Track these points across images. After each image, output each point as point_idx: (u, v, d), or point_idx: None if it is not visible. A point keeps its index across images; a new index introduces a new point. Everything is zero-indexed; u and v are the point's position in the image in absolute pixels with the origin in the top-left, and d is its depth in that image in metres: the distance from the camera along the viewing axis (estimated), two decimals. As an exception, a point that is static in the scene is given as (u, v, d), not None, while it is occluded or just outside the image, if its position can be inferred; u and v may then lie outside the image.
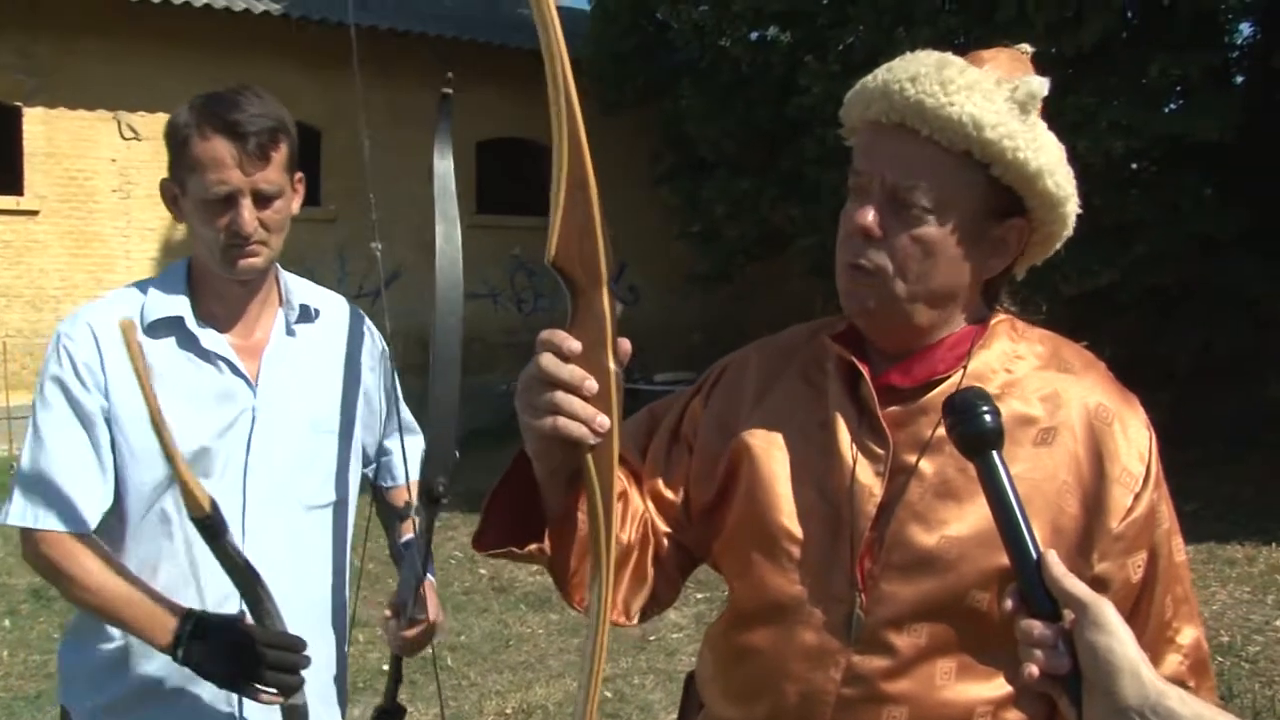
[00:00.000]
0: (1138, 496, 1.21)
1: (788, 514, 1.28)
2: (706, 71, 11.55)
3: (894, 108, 1.21)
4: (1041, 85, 1.22)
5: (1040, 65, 1.31)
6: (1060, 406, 1.24)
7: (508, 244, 13.87)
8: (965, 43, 9.08)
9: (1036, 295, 9.73)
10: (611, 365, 1.05)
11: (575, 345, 1.03)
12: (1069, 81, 8.69)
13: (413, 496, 1.96)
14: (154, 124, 11.92)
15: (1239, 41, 10.97)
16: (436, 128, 1.86)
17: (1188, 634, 1.25)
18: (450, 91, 1.88)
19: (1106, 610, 0.97)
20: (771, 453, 1.31)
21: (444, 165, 1.85)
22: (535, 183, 14.86)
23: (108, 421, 1.76)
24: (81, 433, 1.74)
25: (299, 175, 1.84)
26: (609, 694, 4.80)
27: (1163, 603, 1.23)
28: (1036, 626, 0.99)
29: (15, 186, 11.50)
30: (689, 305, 14.31)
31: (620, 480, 1.33)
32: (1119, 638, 0.96)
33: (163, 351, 1.78)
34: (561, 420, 1.03)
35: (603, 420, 1.04)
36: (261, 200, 1.74)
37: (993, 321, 1.30)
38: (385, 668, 2.17)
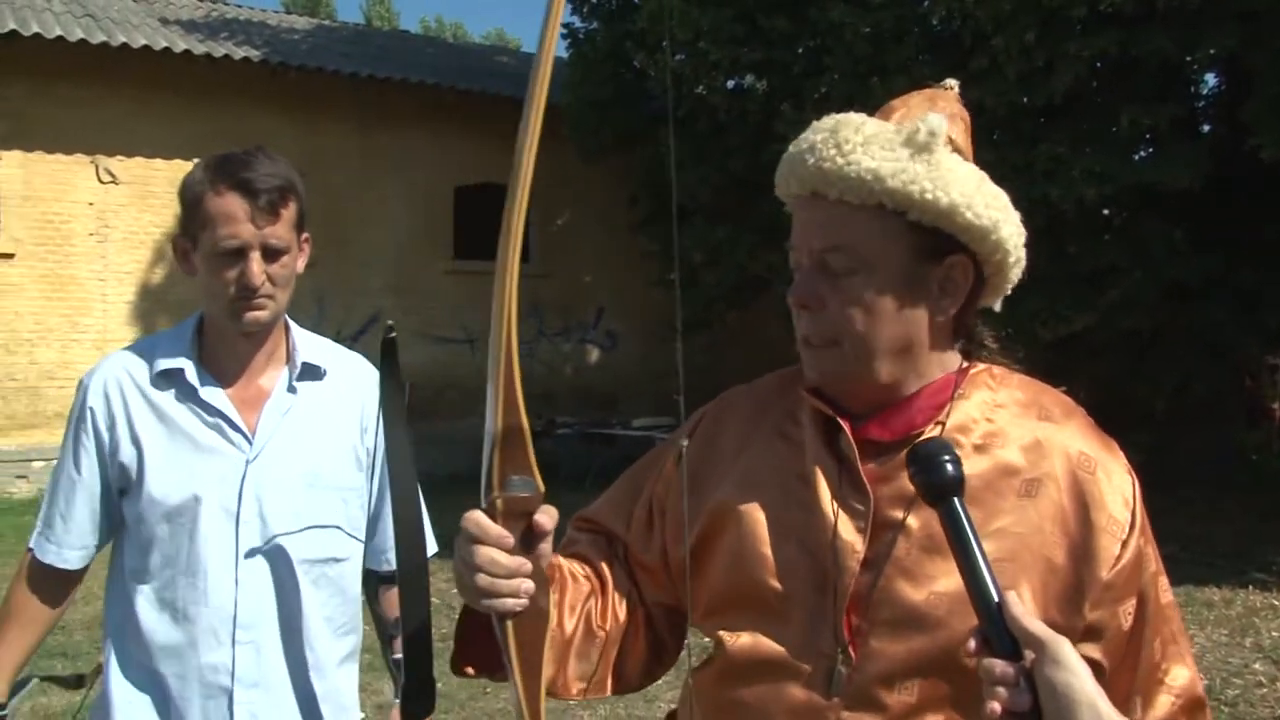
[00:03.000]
0: (1124, 544, 1.21)
1: (771, 571, 1.26)
2: (684, 119, 11.65)
3: (802, 179, 1.24)
4: (940, 121, 1.21)
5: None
6: (1044, 456, 1.24)
7: (485, 289, 13.68)
8: (939, 92, 9.19)
9: (1014, 342, 9.81)
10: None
11: (509, 540, 1.16)
12: (1041, 130, 8.81)
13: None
14: (132, 168, 11.90)
15: (1205, 92, 11.19)
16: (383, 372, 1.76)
17: (1179, 674, 1.24)
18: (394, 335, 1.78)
19: (1064, 648, 1.00)
20: (752, 512, 1.29)
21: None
22: (514, 228, 14.82)
23: (113, 469, 1.88)
24: (83, 487, 1.89)
25: (305, 235, 1.90)
26: (586, 744, 4.71)
27: (1152, 645, 1.23)
28: (999, 665, 1.01)
29: (-10, 230, 11.47)
30: (667, 351, 14.32)
31: (591, 580, 1.40)
32: (1076, 674, 0.99)
33: (165, 402, 1.88)
34: (496, 601, 1.16)
35: (528, 586, 1.16)
36: (270, 254, 1.80)
37: (971, 371, 1.30)
38: None
